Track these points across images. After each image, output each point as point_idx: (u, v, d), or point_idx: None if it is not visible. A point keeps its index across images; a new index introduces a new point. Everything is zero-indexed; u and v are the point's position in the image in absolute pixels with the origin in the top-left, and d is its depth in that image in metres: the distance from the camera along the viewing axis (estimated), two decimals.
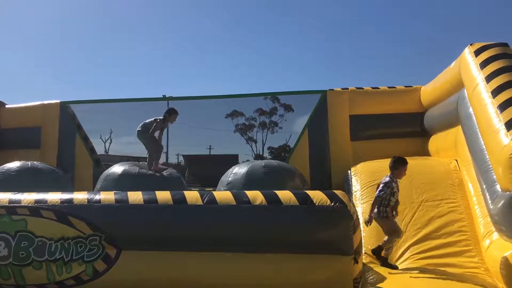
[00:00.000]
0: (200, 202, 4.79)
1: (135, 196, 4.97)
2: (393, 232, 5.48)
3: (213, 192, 5.05)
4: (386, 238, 5.51)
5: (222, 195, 4.91)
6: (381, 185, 5.54)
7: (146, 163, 7.89)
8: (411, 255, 5.68)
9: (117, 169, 7.30)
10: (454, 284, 4.98)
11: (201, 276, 4.75)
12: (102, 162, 10.56)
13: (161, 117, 8.01)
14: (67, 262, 4.80)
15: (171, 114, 8.09)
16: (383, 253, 5.54)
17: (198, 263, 4.72)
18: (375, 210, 5.49)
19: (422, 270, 5.27)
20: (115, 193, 5.11)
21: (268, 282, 4.67)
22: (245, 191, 4.92)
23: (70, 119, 10.31)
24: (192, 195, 4.90)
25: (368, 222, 5.51)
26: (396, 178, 5.57)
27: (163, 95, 14.97)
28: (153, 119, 8.04)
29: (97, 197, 5.04)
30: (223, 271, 4.72)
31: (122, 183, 6.80)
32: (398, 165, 5.57)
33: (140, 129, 7.99)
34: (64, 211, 4.93)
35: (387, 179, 5.56)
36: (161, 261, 4.79)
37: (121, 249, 4.80)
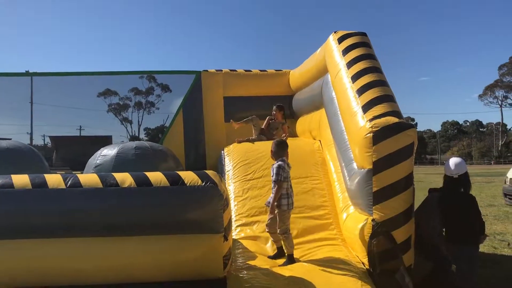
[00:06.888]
0: (62, 186, 4.48)
1: None
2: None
3: (78, 175, 4.75)
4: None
5: (87, 178, 4.64)
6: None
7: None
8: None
9: None
10: (316, 257, 5.40)
11: (65, 262, 4.48)
12: None
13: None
14: None
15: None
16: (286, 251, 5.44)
17: (61, 250, 4.43)
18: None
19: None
20: None
21: (137, 264, 4.57)
22: (113, 173, 4.73)
23: None
24: (54, 179, 4.56)
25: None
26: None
27: (26, 71, 13.65)
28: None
29: None
30: (90, 256, 4.49)
31: None
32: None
33: None
34: None
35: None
36: (19, 250, 4.40)
37: None
